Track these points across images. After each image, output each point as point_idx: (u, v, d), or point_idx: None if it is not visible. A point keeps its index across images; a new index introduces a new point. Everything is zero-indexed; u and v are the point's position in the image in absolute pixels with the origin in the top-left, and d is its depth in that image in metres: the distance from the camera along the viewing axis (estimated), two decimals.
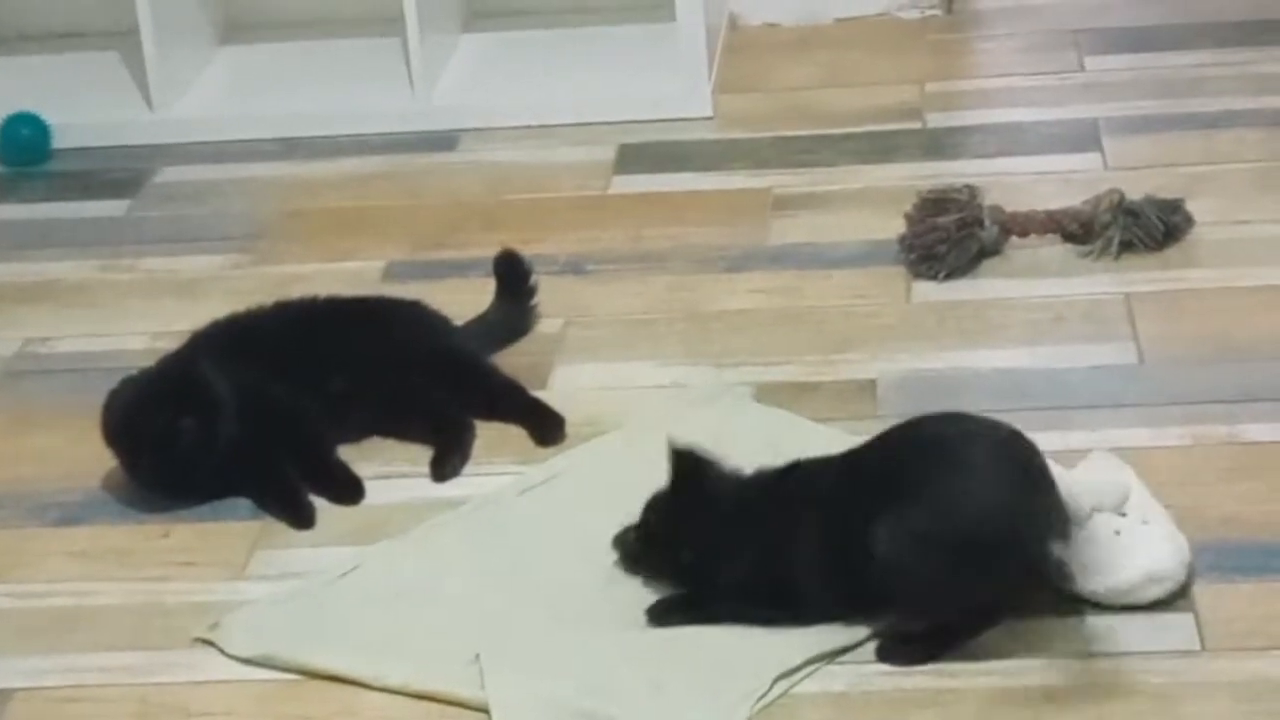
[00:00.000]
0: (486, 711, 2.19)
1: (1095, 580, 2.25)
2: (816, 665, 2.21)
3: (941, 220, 2.99)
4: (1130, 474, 2.36)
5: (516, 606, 2.34)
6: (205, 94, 3.75)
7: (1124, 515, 2.32)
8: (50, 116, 3.64)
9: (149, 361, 2.69)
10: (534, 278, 2.90)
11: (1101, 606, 2.25)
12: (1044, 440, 2.50)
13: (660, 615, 2.30)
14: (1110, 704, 2.14)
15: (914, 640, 2.21)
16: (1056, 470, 2.36)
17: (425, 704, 2.22)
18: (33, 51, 3.94)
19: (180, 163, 3.58)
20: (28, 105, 3.65)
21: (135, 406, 2.59)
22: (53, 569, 2.51)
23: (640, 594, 2.33)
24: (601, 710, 2.17)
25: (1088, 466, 2.38)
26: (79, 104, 3.72)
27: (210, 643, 2.34)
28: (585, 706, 2.17)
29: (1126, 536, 2.29)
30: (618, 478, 2.56)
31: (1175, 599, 2.26)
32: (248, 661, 2.30)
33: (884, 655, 2.21)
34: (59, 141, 3.64)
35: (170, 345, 2.75)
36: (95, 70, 3.84)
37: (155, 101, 3.67)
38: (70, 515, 2.61)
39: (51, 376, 2.95)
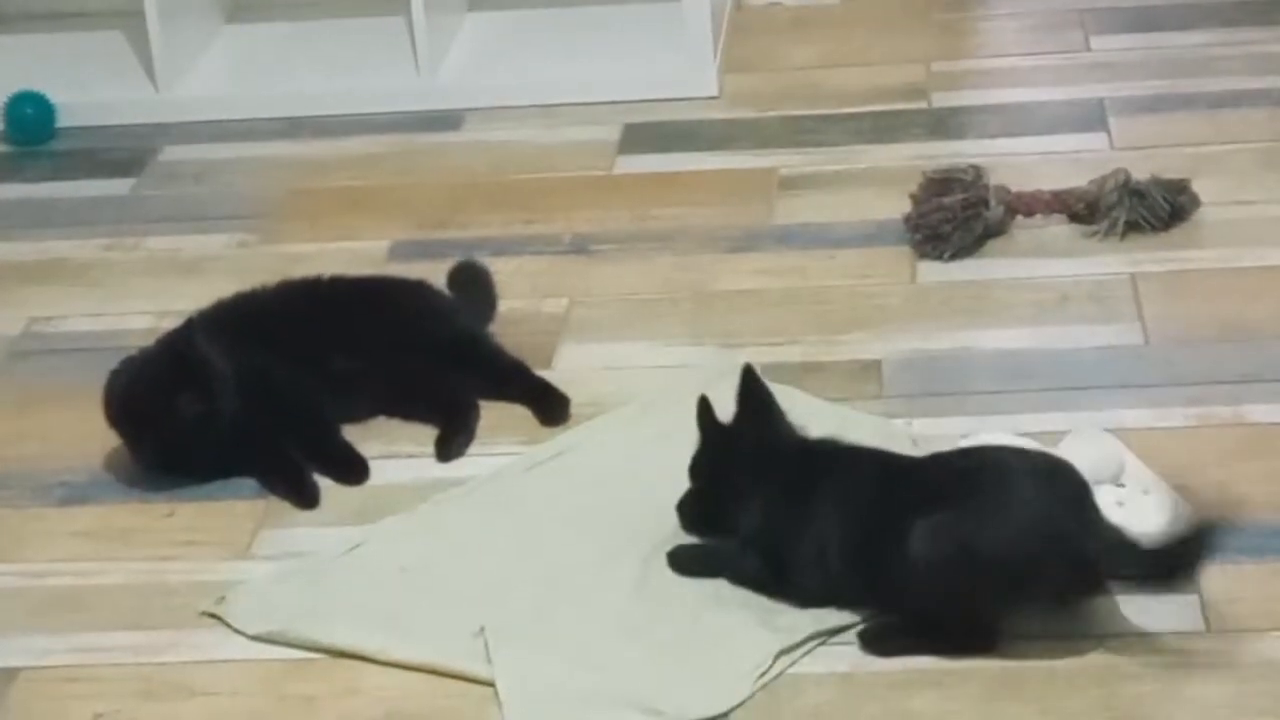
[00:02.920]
0: (490, 685, 2.20)
1: None
2: (819, 642, 2.21)
3: (947, 200, 2.99)
4: (1118, 444, 2.36)
5: (521, 583, 2.35)
6: (210, 73, 3.75)
7: (1122, 486, 2.32)
8: (55, 95, 3.63)
9: (153, 341, 2.68)
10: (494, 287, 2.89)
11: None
12: (1048, 421, 2.53)
13: (681, 562, 2.32)
14: (1115, 685, 2.14)
15: (899, 634, 2.21)
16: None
17: (430, 682, 2.22)
18: (37, 30, 3.93)
19: (184, 142, 3.57)
20: (32, 84, 3.65)
21: (135, 385, 2.59)
22: (57, 548, 2.52)
23: (642, 571, 2.33)
24: (604, 686, 2.18)
25: (1074, 441, 2.38)
26: (83, 83, 3.72)
27: (216, 617, 2.34)
28: (588, 682, 2.18)
29: (1131, 507, 2.30)
30: (622, 456, 2.57)
31: None
32: (254, 637, 2.31)
33: (866, 642, 2.21)
34: (63, 120, 3.63)
35: (174, 325, 2.73)
36: (100, 49, 3.83)
37: (160, 81, 3.66)
38: (75, 495, 2.61)
39: (56, 356, 2.95)
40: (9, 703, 2.25)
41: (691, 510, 2.35)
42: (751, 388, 2.33)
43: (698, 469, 2.33)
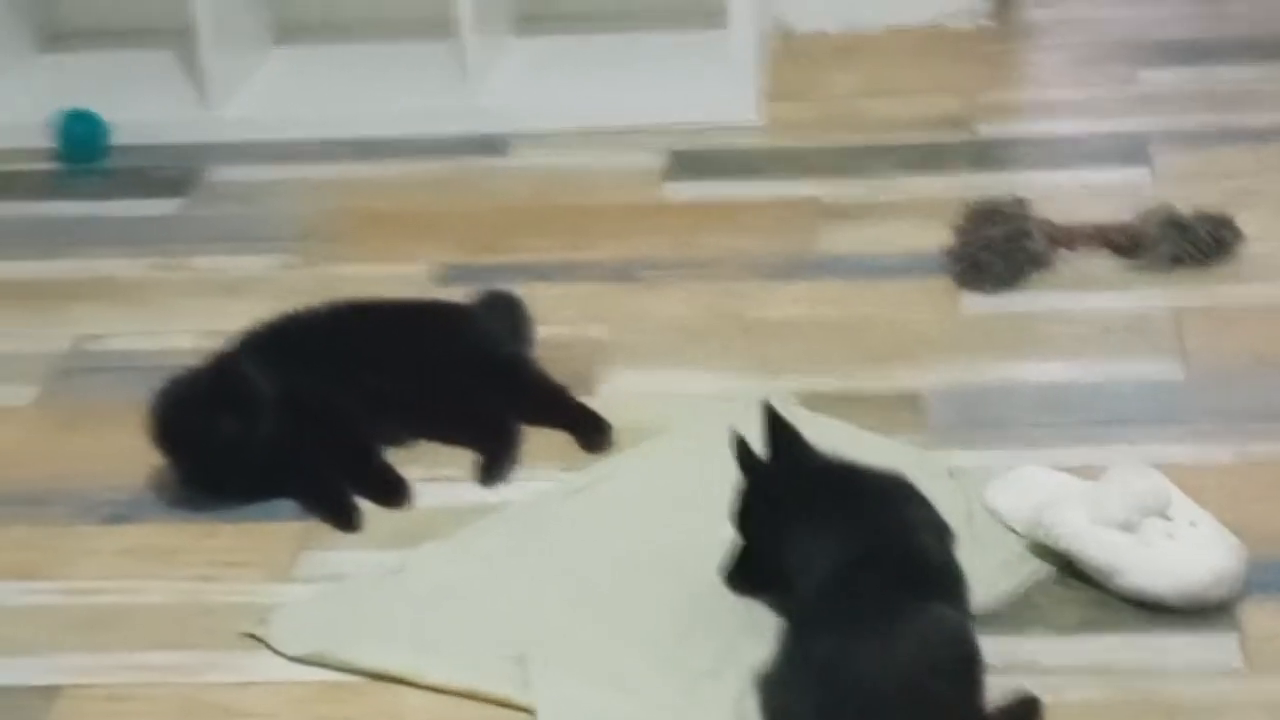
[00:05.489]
0: (528, 711, 2.21)
1: (1163, 584, 2.26)
2: None
3: (990, 232, 2.99)
4: (1161, 478, 2.37)
5: (560, 610, 2.36)
6: (259, 94, 3.77)
7: (1169, 519, 2.32)
8: (106, 113, 3.66)
9: (198, 360, 2.70)
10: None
11: (1163, 611, 2.26)
12: (1088, 455, 2.53)
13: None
14: None
15: None
16: (1091, 485, 2.37)
17: (468, 707, 2.24)
18: (90, 48, 3.95)
19: (233, 162, 3.59)
20: (84, 102, 3.67)
21: (177, 405, 2.61)
22: (100, 566, 2.54)
23: (681, 599, 2.35)
24: (642, 714, 2.18)
25: (1118, 473, 2.38)
26: (135, 101, 3.74)
27: (257, 638, 2.36)
28: (627, 710, 2.19)
29: (1181, 540, 2.30)
30: (662, 484, 2.58)
31: (1234, 602, 2.28)
32: (294, 659, 2.32)
33: None
34: (114, 138, 3.66)
35: (219, 345, 2.76)
36: (151, 68, 3.85)
37: (210, 100, 3.68)
38: (118, 513, 2.63)
39: (102, 374, 2.97)
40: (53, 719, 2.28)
41: (740, 566, 2.33)
42: (776, 425, 2.32)
43: (744, 516, 2.32)
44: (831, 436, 2.49)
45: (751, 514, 2.31)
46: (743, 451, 2.31)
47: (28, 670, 2.36)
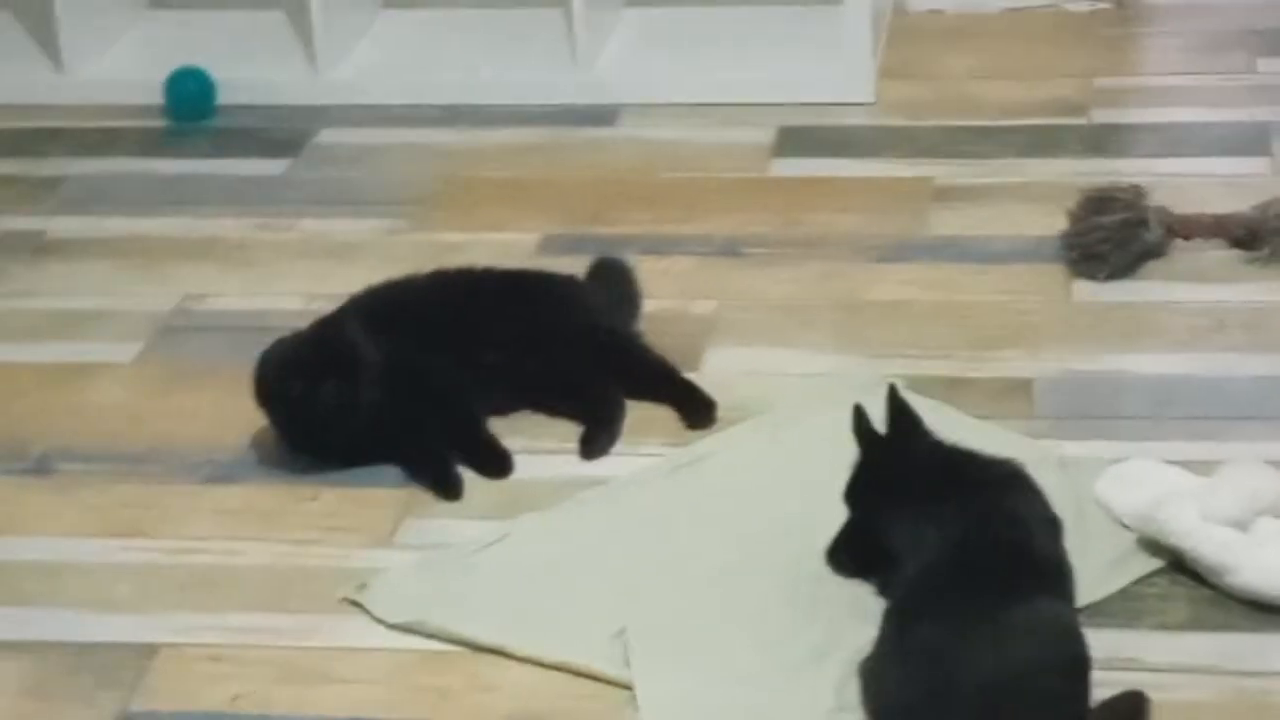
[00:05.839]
0: (625, 687, 2.20)
1: (1274, 583, 2.23)
2: None
3: (1105, 219, 2.95)
4: (1276, 476, 2.33)
5: (661, 587, 2.35)
6: (368, 57, 3.76)
7: None
8: (216, 72, 3.66)
9: (302, 322, 2.70)
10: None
11: (1274, 611, 2.23)
12: (1200, 450, 2.49)
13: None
14: None
15: None
16: (1203, 481, 2.33)
17: (565, 681, 2.23)
18: (201, 7, 3.96)
19: (341, 125, 3.59)
20: (194, 60, 3.68)
21: (281, 367, 2.61)
22: (201, 526, 2.54)
23: (785, 581, 2.33)
24: (743, 698, 2.17)
25: (1231, 469, 2.35)
26: (244, 61, 3.74)
27: (357, 604, 2.35)
28: (727, 694, 2.18)
29: None
30: (765, 463, 2.56)
31: None
32: (393, 626, 2.31)
33: None
34: (223, 98, 3.66)
35: (324, 307, 2.76)
36: (262, 28, 3.86)
37: (319, 62, 3.68)
38: (220, 474, 2.63)
39: (207, 333, 2.97)
40: (150, 678, 2.27)
41: (847, 545, 2.32)
42: (899, 408, 2.31)
43: (857, 490, 2.30)
44: (938, 421, 2.46)
45: (865, 490, 2.29)
46: (862, 424, 2.29)
47: (127, 628, 2.36)
